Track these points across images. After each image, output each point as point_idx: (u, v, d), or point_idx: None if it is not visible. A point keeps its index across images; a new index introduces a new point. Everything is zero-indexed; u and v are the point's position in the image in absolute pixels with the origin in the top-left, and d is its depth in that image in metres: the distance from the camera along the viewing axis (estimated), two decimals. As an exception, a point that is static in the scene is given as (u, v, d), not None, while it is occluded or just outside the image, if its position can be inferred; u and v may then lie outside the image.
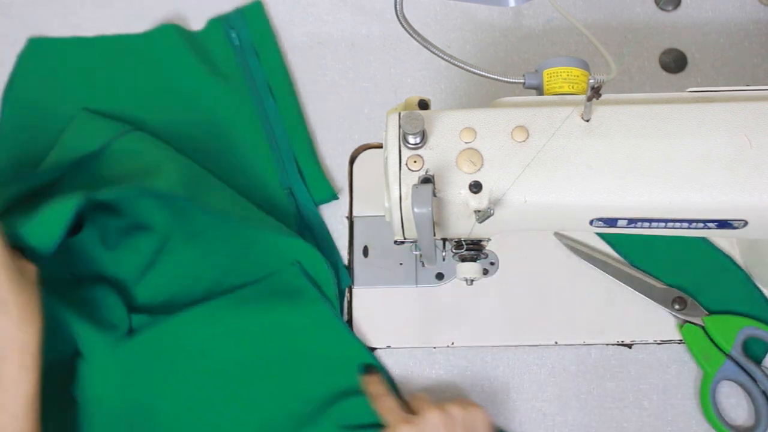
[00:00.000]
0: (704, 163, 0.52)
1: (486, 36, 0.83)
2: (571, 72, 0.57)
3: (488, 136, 0.54)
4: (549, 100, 0.56)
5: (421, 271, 0.74)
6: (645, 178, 0.52)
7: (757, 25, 0.82)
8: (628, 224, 0.55)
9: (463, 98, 0.81)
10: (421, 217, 0.49)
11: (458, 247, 0.60)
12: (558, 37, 0.83)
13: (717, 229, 0.55)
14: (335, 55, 0.83)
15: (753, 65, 0.81)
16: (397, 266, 0.75)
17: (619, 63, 0.65)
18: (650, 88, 0.80)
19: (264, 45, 0.82)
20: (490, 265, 0.74)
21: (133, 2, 0.86)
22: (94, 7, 0.86)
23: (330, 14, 0.85)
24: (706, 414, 0.68)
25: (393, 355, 0.73)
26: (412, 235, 0.57)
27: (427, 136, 0.54)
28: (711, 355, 0.69)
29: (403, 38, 0.83)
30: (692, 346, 0.70)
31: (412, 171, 0.53)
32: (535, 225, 0.56)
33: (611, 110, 0.54)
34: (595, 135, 0.54)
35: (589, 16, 0.84)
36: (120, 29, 0.84)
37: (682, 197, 0.52)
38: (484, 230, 0.57)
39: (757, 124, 0.53)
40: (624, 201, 0.53)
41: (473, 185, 0.53)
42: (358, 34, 0.84)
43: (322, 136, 0.80)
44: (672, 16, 0.83)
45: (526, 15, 0.84)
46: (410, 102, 0.58)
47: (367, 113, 0.81)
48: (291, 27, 0.85)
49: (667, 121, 0.53)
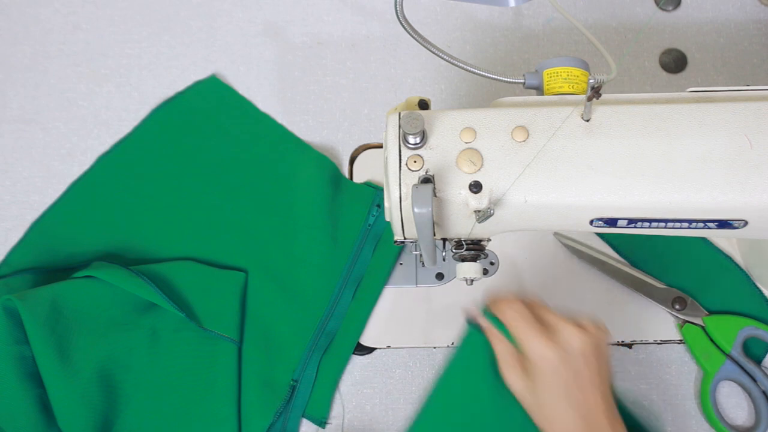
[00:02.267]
0: (704, 163, 0.52)
1: (486, 36, 0.83)
2: (571, 72, 0.57)
3: (488, 136, 0.54)
4: (549, 100, 0.56)
5: (421, 271, 0.74)
6: (645, 178, 0.52)
7: (757, 25, 0.82)
8: (628, 224, 0.55)
9: (463, 98, 0.81)
10: (421, 217, 0.49)
11: (458, 247, 0.60)
12: (558, 37, 0.83)
13: (717, 229, 0.55)
14: (335, 55, 0.83)
15: (753, 65, 0.81)
16: (397, 266, 0.75)
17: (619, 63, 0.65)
18: (650, 88, 0.80)
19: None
20: (490, 265, 0.74)
21: (134, 2, 0.86)
22: (94, 8, 0.86)
23: (330, 14, 0.85)
24: (707, 414, 0.68)
25: (393, 355, 0.73)
26: (412, 235, 0.57)
27: (427, 136, 0.54)
28: (711, 355, 0.69)
29: (403, 38, 0.83)
30: (692, 345, 0.70)
31: (412, 171, 0.53)
32: (535, 225, 0.56)
33: (611, 110, 0.54)
34: (595, 135, 0.54)
35: (589, 16, 0.84)
36: (120, 29, 0.85)
37: (682, 197, 0.52)
38: (484, 230, 0.57)
39: (757, 124, 0.53)
40: (624, 201, 0.53)
41: (473, 185, 0.53)
42: (358, 34, 0.84)
43: (322, 136, 0.80)
44: (672, 16, 0.83)
45: (526, 15, 0.84)
46: (410, 102, 0.58)
47: (367, 113, 0.81)
48: (291, 27, 0.85)
49: (667, 121, 0.53)
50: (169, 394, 0.70)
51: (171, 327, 0.71)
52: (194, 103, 0.81)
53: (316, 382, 0.71)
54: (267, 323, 0.73)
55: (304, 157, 0.78)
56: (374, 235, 0.75)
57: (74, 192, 0.78)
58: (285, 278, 0.74)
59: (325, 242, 0.74)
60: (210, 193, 0.78)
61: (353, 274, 0.74)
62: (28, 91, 0.83)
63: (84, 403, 0.66)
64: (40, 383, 0.66)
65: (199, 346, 0.71)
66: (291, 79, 0.83)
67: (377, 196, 0.77)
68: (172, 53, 0.84)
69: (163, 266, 0.73)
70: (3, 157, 0.80)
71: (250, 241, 0.76)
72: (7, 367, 0.65)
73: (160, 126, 0.81)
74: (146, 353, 0.70)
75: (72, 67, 0.84)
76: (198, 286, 0.73)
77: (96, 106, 0.82)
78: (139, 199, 0.78)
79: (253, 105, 0.81)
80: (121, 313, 0.70)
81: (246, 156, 0.79)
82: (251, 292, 0.74)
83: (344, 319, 0.73)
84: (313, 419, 0.70)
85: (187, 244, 0.76)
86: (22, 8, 0.86)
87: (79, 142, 0.81)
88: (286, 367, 0.71)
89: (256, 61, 0.84)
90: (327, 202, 0.75)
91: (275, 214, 0.76)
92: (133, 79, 0.83)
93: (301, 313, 0.73)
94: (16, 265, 0.75)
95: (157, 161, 0.79)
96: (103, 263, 0.72)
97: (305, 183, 0.76)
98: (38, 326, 0.65)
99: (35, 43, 0.85)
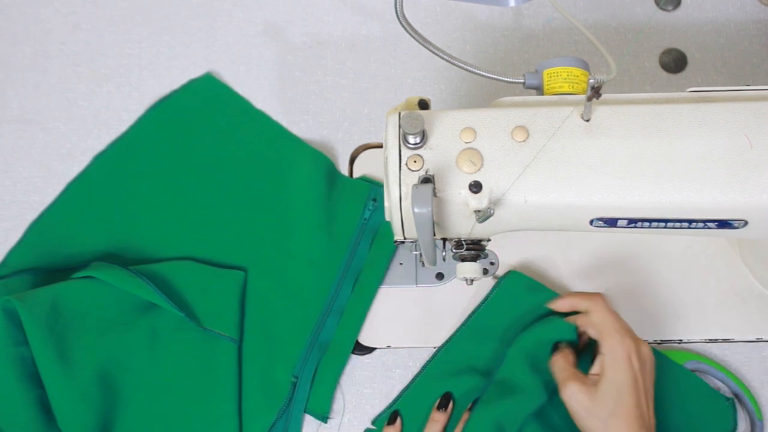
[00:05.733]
0: (704, 163, 0.52)
1: (486, 36, 0.83)
2: (571, 72, 0.57)
3: (488, 136, 0.54)
4: (549, 100, 0.56)
5: (421, 271, 0.74)
6: (645, 178, 0.52)
7: (757, 25, 0.82)
8: (628, 224, 0.55)
9: (463, 98, 0.81)
10: (421, 217, 0.49)
11: (458, 247, 0.60)
12: (558, 37, 0.83)
13: (717, 229, 0.55)
14: (335, 55, 0.83)
15: (753, 65, 0.81)
16: (397, 266, 0.75)
17: (619, 63, 0.65)
18: (650, 88, 0.80)
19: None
20: (490, 265, 0.74)
21: (134, 2, 0.86)
22: (94, 8, 0.86)
23: (330, 14, 0.85)
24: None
25: (393, 355, 0.72)
26: (412, 235, 0.57)
27: (427, 136, 0.54)
28: None
29: (403, 38, 0.83)
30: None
31: (412, 171, 0.53)
32: (535, 225, 0.56)
33: (611, 110, 0.54)
34: (595, 135, 0.54)
35: (589, 16, 0.84)
36: (120, 29, 0.85)
37: (682, 197, 0.52)
38: (484, 230, 0.57)
39: (757, 124, 0.53)
40: (624, 201, 0.53)
41: (473, 185, 0.53)
42: (358, 34, 0.84)
43: (322, 136, 0.80)
44: (672, 16, 0.83)
45: (526, 15, 0.84)
46: (410, 102, 0.58)
47: (367, 113, 0.81)
48: (291, 27, 0.85)
49: (667, 121, 0.53)
50: (169, 394, 0.70)
51: (170, 327, 0.71)
52: (190, 101, 0.81)
53: (317, 378, 0.71)
54: (266, 321, 0.73)
55: (299, 154, 0.78)
56: (371, 230, 0.75)
57: (72, 192, 0.78)
58: (283, 275, 0.74)
59: (322, 238, 0.74)
60: (206, 190, 0.78)
61: (351, 268, 0.74)
62: (28, 91, 0.83)
63: (84, 403, 0.66)
64: (39, 384, 0.66)
65: (198, 345, 0.71)
66: (291, 79, 0.83)
67: (373, 190, 0.77)
68: (172, 53, 0.84)
69: (162, 266, 0.73)
70: (3, 157, 0.80)
71: (247, 238, 0.76)
72: (6, 368, 0.65)
73: (156, 124, 0.80)
74: (146, 353, 0.70)
75: (72, 67, 0.84)
76: (197, 285, 0.73)
77: (96, 106, 0.82)
78: (136, 198, 0.78)
79: (248, 102, 0.81)
80: (121, 313, 0.70)
81: (242, 153, 0.79)
82: (249, 289, 0.74)
83: (343, 314, 0.73)
84: (314, 414, 0.70)
85: (184, 242, 0.76)
86: (22, 8, 0.86)
87: (79, 142, 0.81)
88: (286, 364, 0.71)
89: (256, 61, 0.84)
90: (323, 197, 0.75)
91: (271, 211, 0.76)
92: (133, 79, 0.83)
93: (299, 309, 0.73)
94: (15, 266, 0.75)
95: (153, 160, 0.79)
96: (102, 263, 0.72)
97: (301, 179, 0.76)
98: (37, 327, 0.65)
99: (35, 43, 0.85)
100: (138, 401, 0.69)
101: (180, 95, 0.82)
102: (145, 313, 0.71)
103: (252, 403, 0.70)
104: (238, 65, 0.84)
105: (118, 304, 0.70)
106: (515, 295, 0.70)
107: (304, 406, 0.70)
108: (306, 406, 0.70)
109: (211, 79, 0.82)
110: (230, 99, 0.82)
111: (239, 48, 0.84)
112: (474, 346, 0.69)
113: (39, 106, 0.82)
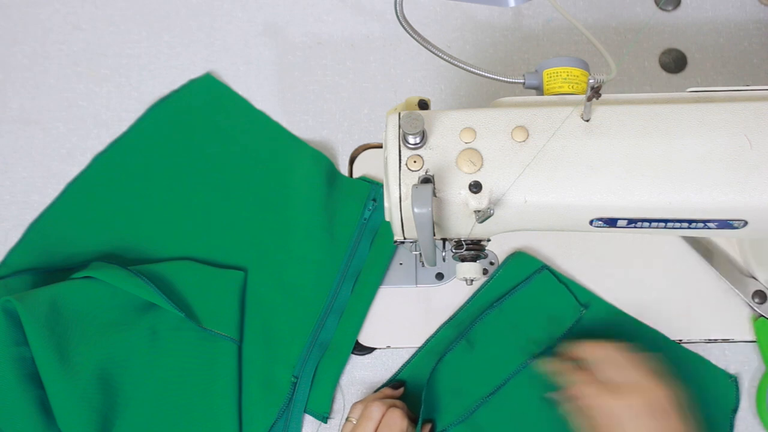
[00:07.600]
0: (704, 163, 0.52)
1: (486, 36, 0.83)
2: (571, 72, 0.57)
3: (488, 136, 0.54)
4: (549, 100, 0.56)
5: (421, 271, 0.74)
6: (645, 178, 0.52)
7: (757, 25, 0.82)
8: (628, 224, 0.55)
9: (463, 98, 0.81)
10: (421, 217, 0.49)
11: (458, 247, 0.60)
12: (558, 37, 0.83)
13: (717, 229, 0.55)
14: (335, 55, 0.83)
15: (753, 65, 0.81)
16: (397, 266, 0.75)
17: (619, 63, 0.65)
18: (650, 88, 0.80)
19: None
20: (490, 265, 0.74)
21: (134, 2, 0.86)
22: (94, 8, 0.86)
23: (330, 14, 0.85)
24: (760, 410, 0.68)
25: (393, 355, 0.72)
26: (412, 235, 0.57)
27: (427, 136, 0.54)
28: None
29: (403, 38, 0.83)
30: (762, 341, 0.69)
31: (412, 171, 0.53)
32: (535, 225, 0.56)
33: (611, 110, 0.54)
34: (595, 135, 0.54)
35: (589, 16, 0.84)
36: (120, 29, 0.85)
37: (682, 197, 0.52)
38: (484, 230, 0.57)
39: (757, 124, 0.52)
40: (624, 201, 0.53)
41: (473, 185, 0.53)
42: (358, 34, 0.84)
43: (322, 136, 0.80)
44: (672, 16, 0.83)
45: (526, 15, 0.84)
46: (410, 102, 0.58)
47: (367, 113, 0.81)
48: (291, 27, 0.85)
49: (667, 121, 0.53)
50: (169, 394, 0.70)
51: (170, 327, 0.71)
52: (189, 101, 0.81)
53: (317, 378, 0.71)
54: (266, 321, 0.73)
55: (299, 154, 0.78)
56: (371, 229, 0.75)
57: (71, 192, 0.78)
58: (283, 275, 0.74)
59: (323, 238, 0.74)
60: (206, 190, 0.78)
61: (351, 268, 0.74)
62: (28, 91, 0.83)
63: (84, 403, 0.66)
64: (39, 384, 0.66)
65: (198, 345, 0.71)
66: (291, 79, 0.83)
67: (372, 190, 0.77)
68: (172, 53, 0.84)
69: (162, 266, 0.73)
70: (3, 157, 0.80)
71: (247, 238, 0.76)
72: (6, 368, 0.65)
73: (156, 124, 0.80)
74: (146, 353, 0.70)
75: (72, 67, 0.84)
76: (197, 285, 0.73)
77: (96, 106, 0.82)
78: (135, 198, 0.78)
79: (248, 102, 0.81)
80: (121, 313, 0.70)
81: (242, 153, 0.79)
82: (249, 289, 0.74)
83: (343, 314, 0.73)
84: (314, 414, 0.70)
85: (183, 242, 0.76)
86: (22, 8, 0.86)
87: (79, 142, 0.81)
88: (286, 364, 0.71)
89: (256, 61, 0.84)
90: (323, 197, 0.75)
91: (271, 211, 0.76)
92: (133, 79, 0.83)
93: (300, 309, 0.73)
94: (15, 266, 0.75)
95: (153, 160, 0.79)
96: (101, 263, 0.72)
97: (301, 179, 0.76)
98: (37, 327, 0.65)
99: (35, 43, 0.85)
100: (138, 401, 0.69)
101: (180, 95, 0.82)
102: (145, 313, 0.71)
103: (252, 403, 0.70)
104: (238, 65, 0.84)
105: (118, 304, 0.70)
106: (520, 275, 0.73)
107: (304, 406, 0.70)
108: (306, 406, 0.70)
109: (211, 79, 0.82)
110: (230, 99, 0.81)
111: (239, 48, 0.84)
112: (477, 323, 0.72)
113: (39, 106, 0.82)
